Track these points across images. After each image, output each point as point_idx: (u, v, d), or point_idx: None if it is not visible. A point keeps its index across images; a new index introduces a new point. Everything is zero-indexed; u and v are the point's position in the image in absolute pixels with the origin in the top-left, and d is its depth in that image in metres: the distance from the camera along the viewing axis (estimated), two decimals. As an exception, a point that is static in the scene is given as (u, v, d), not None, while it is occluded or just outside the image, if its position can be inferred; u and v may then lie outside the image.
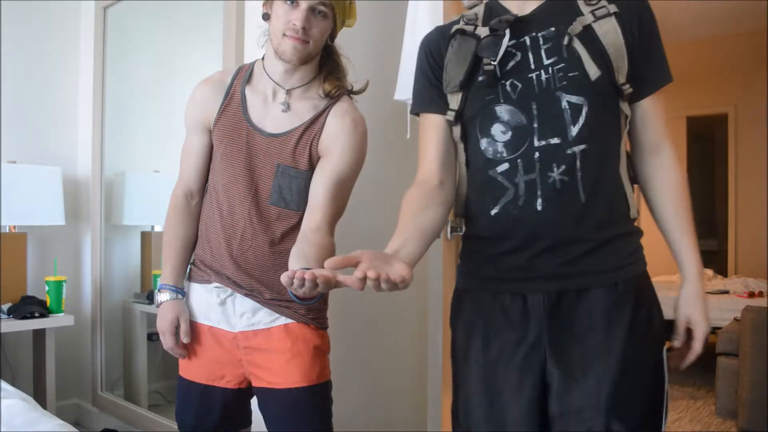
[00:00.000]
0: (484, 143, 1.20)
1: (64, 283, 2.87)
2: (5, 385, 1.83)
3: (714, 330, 3.93)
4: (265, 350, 1.47)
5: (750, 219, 5.58)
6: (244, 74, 1.53)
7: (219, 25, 2.34)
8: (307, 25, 1.39)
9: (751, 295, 4.58)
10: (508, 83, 1.17)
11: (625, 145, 1.22)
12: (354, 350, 2.33)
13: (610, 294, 1.15)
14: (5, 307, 2.77)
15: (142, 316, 3.06)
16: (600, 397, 1.13)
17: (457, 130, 1.26)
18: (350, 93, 1.53)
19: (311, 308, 1.49)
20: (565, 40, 1.14)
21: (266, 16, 1.46)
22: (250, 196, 1.47)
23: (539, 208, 1.14)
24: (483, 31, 1.21)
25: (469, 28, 1.23)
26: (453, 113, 1.23)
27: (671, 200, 1.23)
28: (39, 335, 2.86)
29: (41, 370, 2.86)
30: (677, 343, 1.23)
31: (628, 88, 1.17)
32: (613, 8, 1.16)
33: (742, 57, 5.59)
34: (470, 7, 1.30)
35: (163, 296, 1.53)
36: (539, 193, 1.14)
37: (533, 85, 1.15)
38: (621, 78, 1.16)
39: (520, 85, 1.16)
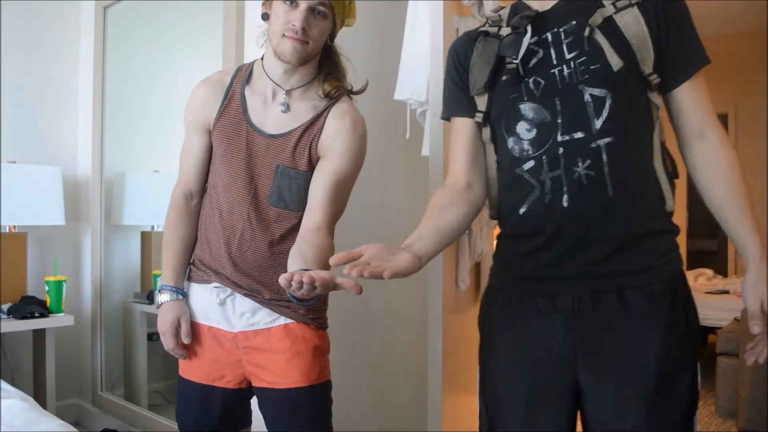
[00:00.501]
0: (510, 142, 1.19)
1: (64, 283, 2.87)
2: (5, 385, 1.83)
3: (714, 330, 3.93)
4: (264, 350, 1.47)
5: (750, 219, 5.57)
6: (244, 74, 1.53)
7: (219, 25, 2.34)
8: (306, 26, 1.38)
9: (751, 295, 4.58)
10: (531, 81, 1.16)
11: (660, 137, 1.18)
12: (354, 350, 2.33)
13: (644, 295, 1.12)
14: (5, 307, 2.77)
15: (142, 316, 3.06)
16: (636, 403, 1.10)
17: (486, 132, 1.26)
18: (350, 93, 1.53)
19: (311, 308, 1.49)
20: (586, 32, 1.13)
21: (265, 16, 1.46)
22: (250, 197, 1.46)
23: (565, 204, 1.12)
24: (506, 32, 1.21)
25: (493, 29, 1.24)
26: (481, 114, 1.24)
27: (723, 183, 1.17)
28: (39, 335, 2.86)
29: (41, 370, 2.86)
30: (757, 329, 1.17)
31: (655, 78, 1.14)
32: None
33: (742, 57, 5.59)
34: (496, 10, 1.30)
35: (163, 297, 1.53)
36: (565, 189, 1.12)
37: (556, 80, 1.14)
38: (646, 68, 1.13)
39: (543, 81, 1.15)
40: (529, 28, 1.17)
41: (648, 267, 1.13)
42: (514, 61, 1.16)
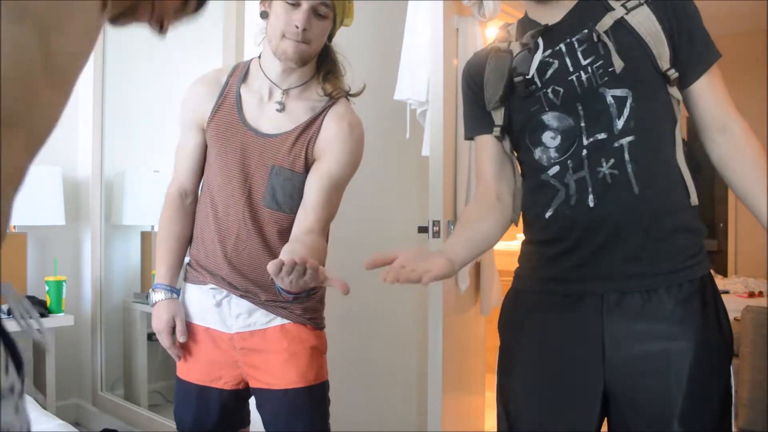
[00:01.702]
0: (537, 152, 1.20)
1: (64, 283, 2.87)
2: (5, 385, 1.82)
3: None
4: (261, 351, 1.47)
5: (750, 219, 5.52)
6: (240, 72, 1.52)
7: (219, 24, 2.34)
8: (307, 26, 1.37)
9: (751, 295, 4.57)
10: (549, 90, 1.17)
11: (681, 132, 1.19)
12: (354, 350, 2.33)
13: (674, 296, 1.11)
14: (5, 307, 2.77)
15: (142, 316, 3.06)
16: (668, 406, 1.09)
17: (507, 144, 1.27)
18: (348, 95, 1.52)
19: (308, 308, 1.49)
20: (595, 37, 1.14)
21: (264, 15, 1.45)
22: (245, 197, 1.46)
23: (591, 204, 1.12)
24: (516, 46, 1.22)
25: (503, 45, 1.25)
26: (498, 128, 1.25)
27: (751, 172, 1.16)
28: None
29: (41, 370, 2.86)
30: None
31: (673, 73, 1.15)
32: None
33: (742, 57, 5.59)
34: (504, 27, 1.31)
35: (157, 296, 1.52)
36: (590, 189, 1.13)
37: (575, 86, 1.15)
38: (664, 64, 1.14)
39: (561, 90, 1.16)
40: (540, 42, 1.18)
41: (678, 268, 1.12)
42: (526, 77, 1.17)
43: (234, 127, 1.47)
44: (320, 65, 1.50)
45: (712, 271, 1.18)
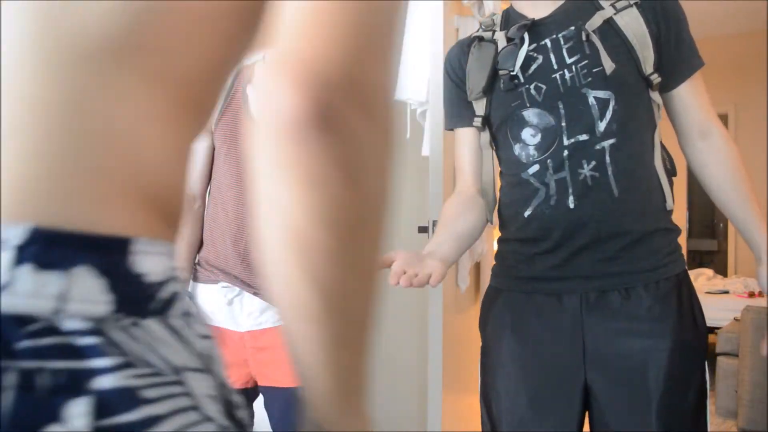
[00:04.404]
0: (517, 149, 1.19)
1: (64, 283, 2.86)
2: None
3: (714, 330, 3.93)
4: (271, 348, 1.47)
5: (750, 219, 5.57)
6: (246, 74, 1.52)
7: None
8: None
9: (751, 295, 4.58)
10: (532, 86, 1.16)
11: (659, 136, 1.19)
12: (354, 350, 2.33)
13: (651, 293, 1.13)
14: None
15: (142, 316, 3.05)
16: (646, 404, 1.10)
17: (485, 136, 1.27)
18: None
19: None
20: (584, 36, 1.13)
21: None
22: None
23: (572, 206, 1.13)
24: (500, 37, 1.21)
25: (487, 34, 1.25)
26: (480, 119, 1.25)
27: (729, 181, 1.18)
28: (39, 335, 2.85)
29: (41, 370, 2.85)
30: None
31: (656, 78, 1.15)
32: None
33: (742, 57, 5.59)
34: (489, 17, 1.31)
35: None
36: (570, 190, 1.13)
37: (558, 84, 1.15)
38: (648, 68, 1.14)
39: (544, 86, 1.16)
40: (526, 37, 1.17)
41: (655, 266, 1.14)
42: (511, 72, 1.17)
43: (242, 127, 1.47)
44: None
45: (712, 271, 1.19)
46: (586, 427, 1.20)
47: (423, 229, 2.28)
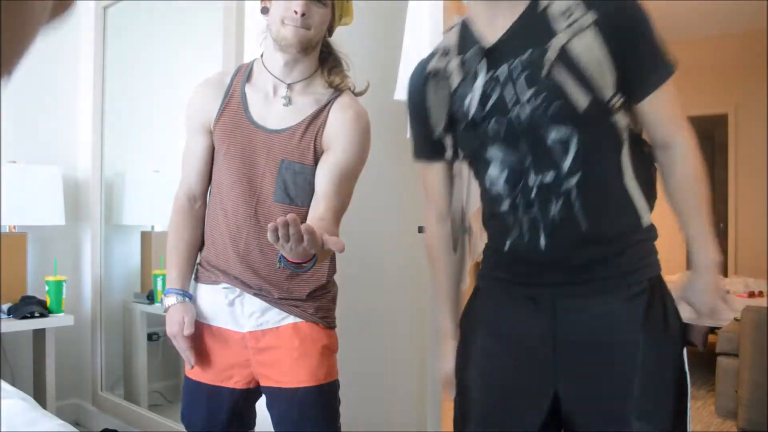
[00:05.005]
0: (487, 183, 1.20)
1: (64, 283, 2.87)
2: (5, 385, 1.83)
3: (714, 330, 3.93)
4: (273, 349, 1.47)
5: (750, 219, 5.58)
6: (244, 73, 1.52)
7: (219, 25, 2.34)
8: (307, 11, 1.38)
9: (751, 295, 4.58)
10: (492, 123, 1.14)
11: (629, 153, 1.16)
12: (354, 350, 2.33)
13: (623, 296, 1.14)
14: (5, 307, 2.77)
15: (142, 316, 3.06)
16: (622, 399, 1.11)
17: (457, 166, 1.28)
18: (353, 93, 1.53)
19: (320, 307, 1.49)
20: (543, 72, 1.08)
21: (265, 10, 1.46)
22: (255, 195, 1.46)
23: (543, 246, 1.14)
24: (455, 69, 1.18)
25: (442, 63, 1.22)
26: (450, 152, 1.24)
27: (684, 193, 1.19)
28: (39, 335, 2.86)
29: (41, 370, 2.86)
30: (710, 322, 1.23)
31: (618, 101, 1.10)
32: (590, 17, 1.06)
33: (742, 57, 5.59)
34: (450, 29, 1.29)
35: (170, 300, 1.52)
36: (541, 229, 1.14)
37: (518, 122, 1.11)
38: (608, 93, 1.09)
39: (504, 124, 1.12)
40: (482, 67, 1.14)
41: (627, 271, 1.15)
42: (468, 115, 1.16)
43: (241, 126, 1.47)
44: (323, 61, 1.50)
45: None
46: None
47: (423, 229, 2.28)
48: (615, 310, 1.13)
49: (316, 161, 1.46)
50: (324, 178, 1.43)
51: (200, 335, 1.52)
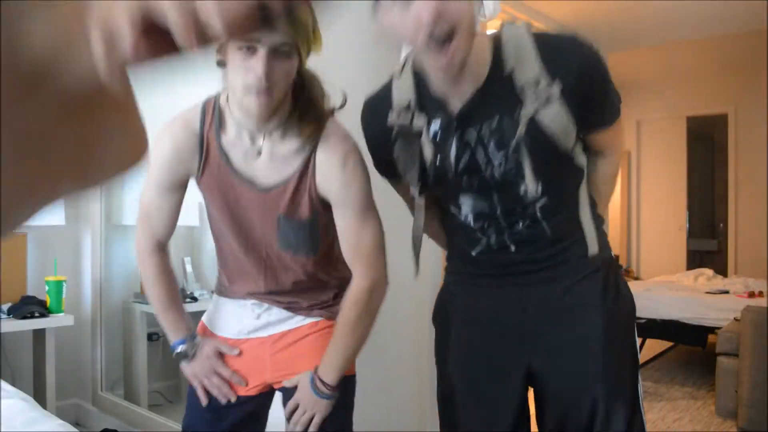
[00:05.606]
0: (455, 214, 1.31)
1: (64, 283, 2.87)
2: (5, 385, 1.83)
3: (714, 330, 3.93)
4: (291, 346, 1.46)
5: (750, 219, 5.58)
6: (212, 119, 1.40)
7: (219, 25, 2.34)
8: (269, 71, 1.22)
9: (751, 295, 4.57)
10: (465, 179, 1.23)
11: (586, 190, 1.31)
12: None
13: (582, 273, 1.27)
14: (5, 307, 2.77)
15: (142, 316, 3.06)
16: (584, 363, 1.25)
17: (421, 200, 1.32)
18: (332, 113, 1.42)
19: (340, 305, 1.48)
20: (511, 148, 1.17)
21: (221, 63, 1.31)
22: (263, 243, 1.42)
23: (513, 250, 1.27)
24: (422, 128, 1.22)
25: (405, 121, 1.23)
26: (418, 193, 1.31)
27: (601, 186, 1.37)
28: (39, 335, 2.86)
29: (41, 370, 2.86)
30: None
31: (577, 143, 1.24)
32: (556, 89, 1.13)
33: (742, 57, 5.59)
34: (400, 74, 1.28)
35: (184, 350, 1.47)
36: (509, 241, 1.27)
37: (491, 179, 1.21)
38: (570, 144, 1.20)
39: (476, 180, 1.22)
40: (452, 140, 1.20)
41: (586, 253, 1.28)
42: (442, 173, 1.24)
43: (228, 183, 1.38)
44: (296, 99, 1.37)
45: (712, 271, 1.24)
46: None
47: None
48: (576, 284, 1.27)
49: (314, 210, 1.38)
50: (347, 244, 1.41)
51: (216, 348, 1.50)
